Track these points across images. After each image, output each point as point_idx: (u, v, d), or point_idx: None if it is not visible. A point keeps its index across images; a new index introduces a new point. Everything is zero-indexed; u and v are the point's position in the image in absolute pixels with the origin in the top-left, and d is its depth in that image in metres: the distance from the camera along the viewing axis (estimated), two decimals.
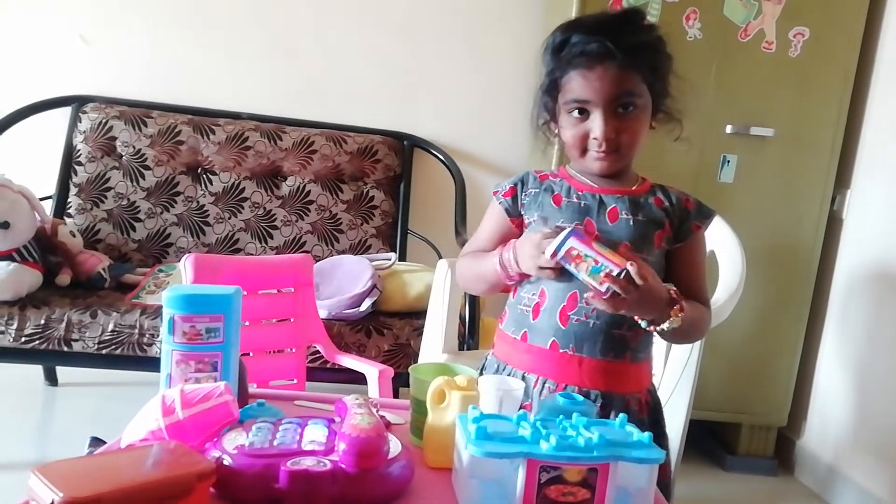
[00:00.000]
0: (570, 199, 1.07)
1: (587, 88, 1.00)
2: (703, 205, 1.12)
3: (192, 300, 0.83)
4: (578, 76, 1.01)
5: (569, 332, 1.02)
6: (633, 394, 1.04)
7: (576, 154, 1.06)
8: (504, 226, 1.12)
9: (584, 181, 1.08)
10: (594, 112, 1.01)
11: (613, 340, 1.02)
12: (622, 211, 1.05)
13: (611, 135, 1.01)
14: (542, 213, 1.08)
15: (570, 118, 1.04)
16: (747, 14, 2.04)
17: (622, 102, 1.01)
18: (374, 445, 0.69)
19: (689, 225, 1.08)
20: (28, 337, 1.74)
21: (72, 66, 2.37)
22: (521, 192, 1.10)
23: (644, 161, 2.23)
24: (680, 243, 1.08)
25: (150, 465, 0.66)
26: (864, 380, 2.03)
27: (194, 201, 2.25)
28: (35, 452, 1.94)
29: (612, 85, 0.99)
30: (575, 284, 1.01)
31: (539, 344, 1.04)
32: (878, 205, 2.04)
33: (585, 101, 1.01)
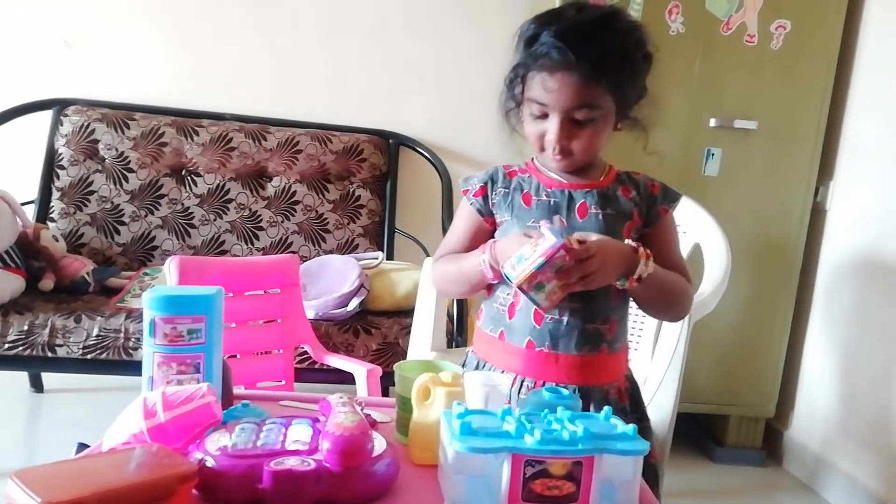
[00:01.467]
0: (540, 198, 1.07)
1: (547, 93, 0.99)
2: (669, 188, 1.13)
3: (172, 301, 0.82)
4: (541, 78, 1.00)
5: (543, 330, 1.02)
6: (611, 384, 1.04)
7: (535, 149, 1.07)
8: (477, 225, 1.11)
9: (553, 176, 1.08)
10: (552, 116, 1.01)
11: (588, 335, 1.02)
12: (591, 206, 1.05)
13: (564, 142, 1.01)
14: (513, 213, 1.07)
15: (530, 115, 1.04)
16: (729, 7, 2.05)
17: (580, 114, 1.00)
18: (358, 444, 0.69)
19: (656, 209, 1.09)
20: (11, 343, 1.73)
21: (53, 68, 2.35)
22: (492, 190, 1.10)
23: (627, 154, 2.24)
24: (649, 228, 1.09)
25: (131, 469, 0.66)
26: (850, 369, 2.04)
27: (179, 203, 2.23)
28: (21, 460, 1.92)
29: (571, 95, 0.98)
30: None
31: (516, 343, 1.04)
32: (862, 195, 2.05)
33: (544, 104, 1.00)
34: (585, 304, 1.02)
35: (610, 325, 1.04)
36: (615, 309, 1.06)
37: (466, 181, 1.13)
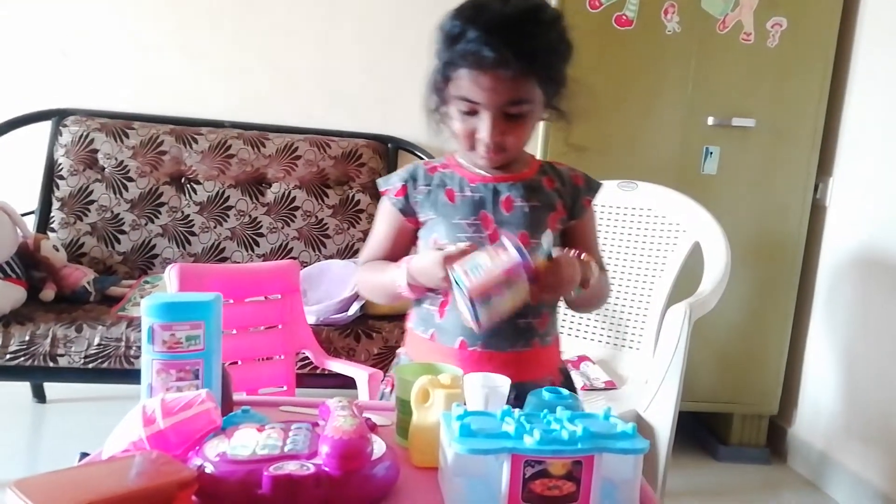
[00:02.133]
0: (464, 194, 1.05)
1: (477, 92, 0.97)
2: (591, 178, 1.12)
3: (170, 308, 0.82)
4: (470, 76, 0.96)
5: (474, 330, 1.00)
6: (545, 378, 1.04)
7: (463, 147, 1.04)
8: (399, 225, 1.10)
9: (476, 171, 1.07)
10: (483, 113, 0.98)
11: (520, 330, 1.02)
12: (517, 198, 1.05)
13: (498, 138, 1.00)
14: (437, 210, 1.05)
15: (459, 112, 1.01)
16: (725, 6, 2.05)
17: (512, 109, 0.98)
18: (357, 447, 0.68)
19: (580, 201, 1.09)
20: (13, 354, 1.73)
21: (51, 79, 2.35)
22: (413, 189, 1.08)
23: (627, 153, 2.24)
24: (574, 220, 1.09)
25: (130, 476, 0.65)
26: (853, 365, 2.04)
27: (179, 211, 2.24)
28: (25, 470, 1.92)
29: (504, 91, 0.96)
30: None
31: (447, 343, 1.03)
32: (861, 192, 2.05)
33: (474, 101, 0.98)
34: None
35: (542, 318, 1.04)
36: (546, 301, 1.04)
37: (386, 181, 1.11)
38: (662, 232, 1.78)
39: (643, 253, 1.80)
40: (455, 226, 1.05)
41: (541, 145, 2.03)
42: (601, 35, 2.01)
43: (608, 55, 2.03)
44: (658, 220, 1.79)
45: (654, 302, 1.75)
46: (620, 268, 1.83)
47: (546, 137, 2.03)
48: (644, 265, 1.79)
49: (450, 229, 1.05)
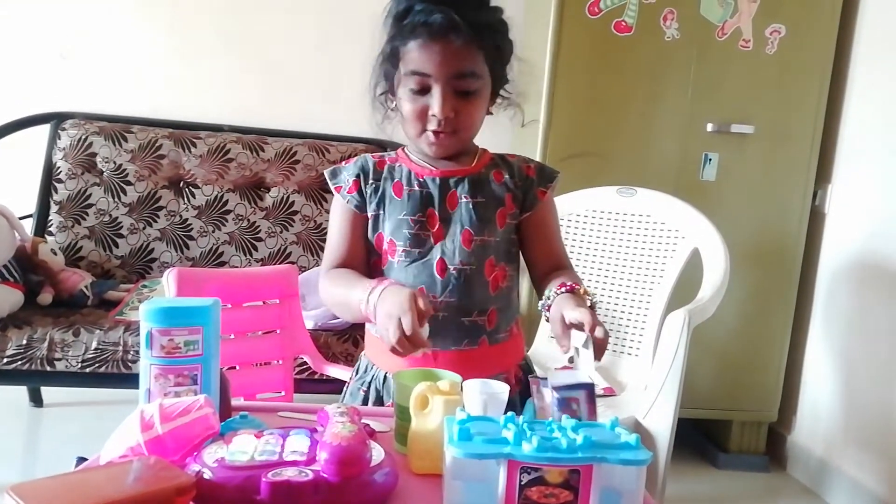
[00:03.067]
0: (412, 188, 1.04)
1: (429, 62, 0.96)
2: (546, 167, 1.09)
3: (169, 313, 0.82)
4: (420, 48, 0.97)
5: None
6: (499, 374, 1.00)
7: (413, 131, 1.02)
8: (356, 222, 1.07)
9: (424, 164, 1.06)
10: (434, 87, 0.98)
11: (465, 329, 1.02)
12: (461, 195, 1.04)
13: (450, 113, 0.98)
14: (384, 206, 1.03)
15: (409, 92, 1.00)
16: (724, 13, 2.06)
17: (463, 84, 0.97)
18: (356, 453, 0.68)
19: (533, 192, 1.06)
20: (10, 358, 1.72)
21: (50, 82, 2.36)
22: (365, 184, 1.06)
23: (626, 159, 2.24)
24: (528, 213, 1.07)
25: (128, 481, 0.65)
26: (852, 372, 2.04)
27: (177, 215, 2.24)
28: (21, 474, 1.91)
29: (454, 60, 0.96)
30: (421, 280, 1.01)
31: None
32: (860, 198, 2.05)
33: (426, 74, 0.97)
34: (461, 298, 1.01)
35: (489, 316, 1.03)
36: (495, 299, 1.04)
37: (335, 175, 1.08)
38: (661, 238, 1.78)
39: (642, 259, 1.80)
40: (401, 221, 1.04)
41: (539, 151, 2.03)
42: (600, 41, 2.02)
43: (607, 61, 2.04)
44: (657, 227, 1.79)
45: (653, 308, 1.74)
46: (619, 274, 1.83)
47: (545, 143, 2.03)
48: (643, 271, 1.79)
49: (397, 225, 1.04)
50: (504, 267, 1.06)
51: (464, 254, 1.03)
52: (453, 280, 1.03)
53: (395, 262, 1.05)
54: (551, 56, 1.99)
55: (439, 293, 1.02)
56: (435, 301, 1.01)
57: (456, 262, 1.03)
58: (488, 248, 1.04)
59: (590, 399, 0.79)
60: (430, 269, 1.04)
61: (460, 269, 1.03)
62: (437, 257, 1.03)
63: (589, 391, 0.79)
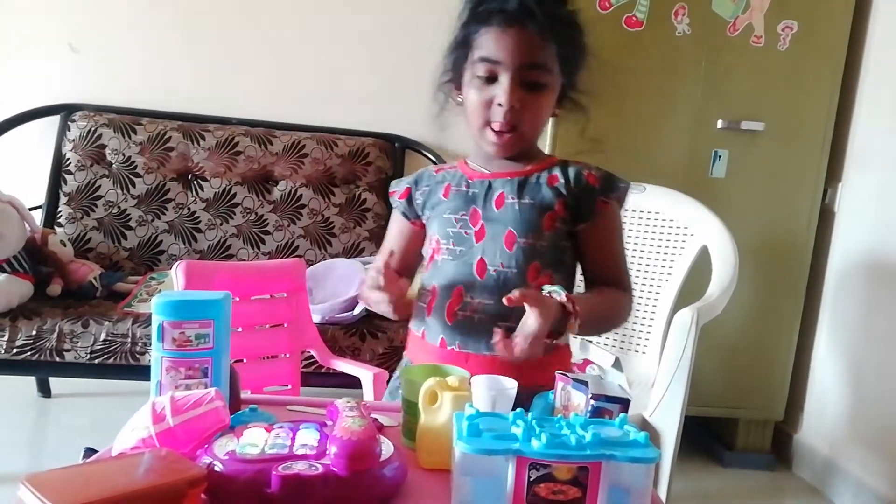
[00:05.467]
0: (460, 188, 1.04)
1: (500, 49, 0.95)
2: (613, 178, 1.02)
3: (180, 306, 0.82)
4: (493, 34, 0.95)
5: (455, 328, 1.00)
6: (538, 386, 0.92)
7: (476, 123, 1.00)
8: (405, 230, 1.10)
9: (478, 169, 1.05)
10: (502, 76, 0.96)
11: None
12: (508, 195, 1.02)
13: (515, 103, 0.95)
14: (433, 208, 1.04)
15: (477, 80, 0.98)
16: (735, 8, 2.04)
17: (532, 75, 0.95)
18: (366, 448, 0.68)
19: (592, 202, 1.01)
20: (20, 348, 1.73)
21: (60, 74, 2.36)
22: (416, 190, 1.07)
23: (635, 155, 2.23)
24: (584, 223, 1.02)
25: (140, 473, 0.65)
26: (859, 372, 2.03)
27: (185, 208, 2.24)
28: (29, 464, 1.93)
29: (526, 50, 0.94)
30: (459, 278, 1.01)
31: (432, 342, 1.03)
32: (870, 198, 2.04)
33: (496, 61, 0.95)
34: (496, 301, 0.96)
35: None
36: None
37: (397, 183, 1.11)
38: (670, 235, 1.77)
39: (651, 256, 1.80)
40: (445, 220, 1.04)
41: (548, 146, 2.02)
42: (611, 36, 2.00)
43: (618, 56, 2.02)
44: (666, 224, 1.79)
45: (661, 306, 1.74)
46: None
47: (554, 138, 2.03)
48: (651, 268, 1.79)
49: (441, 224, 1.05)
50: (551, 274, 1.01)
51: (505, 255, 1.00)
52: (492, 281, 1.00)
53: (439, 261, 1.05)
54: None
55: (476, 294, 1.00)
56: (472, 302, 1.00)
57: (496, 262, 1.00)
58: (533, 252, 1.00)
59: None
60: (470, 268, 1.01)
61: (500, 271, 1.00)
62: (478, 257, 1.01)
63: (624, 406, 0.79)
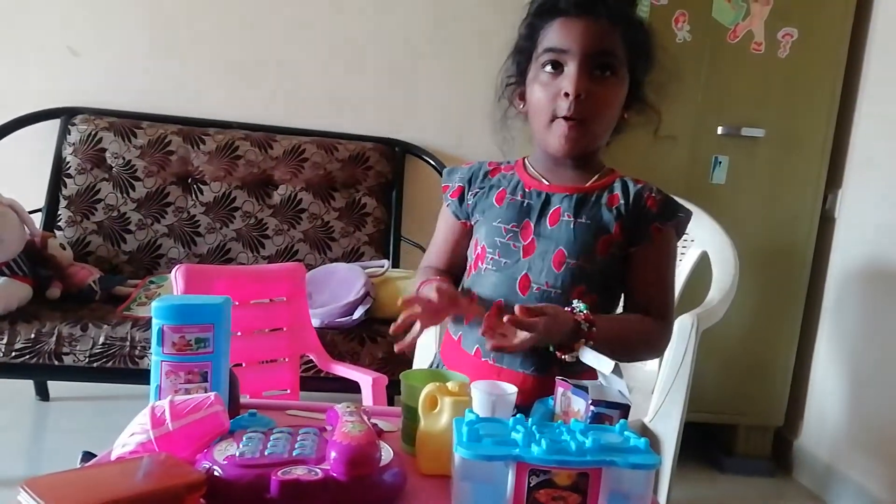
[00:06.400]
0: (514, 197, 1.00)
1: (567, 37, 0.93)
2: (674, 203, 0.99)
3: (181, 310, 0.82)
4: (560, 24, 0.94)
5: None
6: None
7: (541, 120, 0.97)
8: (456, 229, 1.07)
9: (537, 176, 1.02)
10: (570, 65, 0.93)
11: (537, 355, 0.96)
12: (564, 212, 0.98)
13: (582, 91, 0.92)
14: (483, 213, 1.01)
15: (543, 73, 0.95)
16: (736, 15, 2.05)
17: (601, 62, 0.93)
18: (365, 453, 0.68)
19: (647, 226, 0.97)
20: (18, 351, 1.73)
21: (60, 77, 2.36)
22: (468, 191, 1.04)
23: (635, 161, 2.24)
24: (636, 246, 0.98)
25: (139, 477, 0.65)
26: (860, 378, 2.03)
27: (185, 212, 2.24)
28: (27, 468, 1.92)
29: (595, 37, 0.92)
30: (501, 292, 0.98)
31: (467, 349, 1.02)
32: (870, 204, 2.04)
33: (563, 50, 0.93)
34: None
35: (564, 347, 0.94)
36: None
37: (450, 174, 1.07)
38: None
39: None
40: (494, 228, 1.01)
41: None
42: None
43: None
44: None
45: None
46: None
47: None
48: None
49: (489, 231, 1.01)
50: (596, 299, 0.97)
51: (552, 275, 0.97)
52: (534, 300, 0.96)
53: (483, 270, 1.02)
54: None
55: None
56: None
57: (541, 281, 0.97)
58: (582, 274, 0.97)
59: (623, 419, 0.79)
60: (513, 283, 0.99)
61: (544, 291, 0.97)
62: (523, 272, 0.98)
63: (624, 412, 0.79)
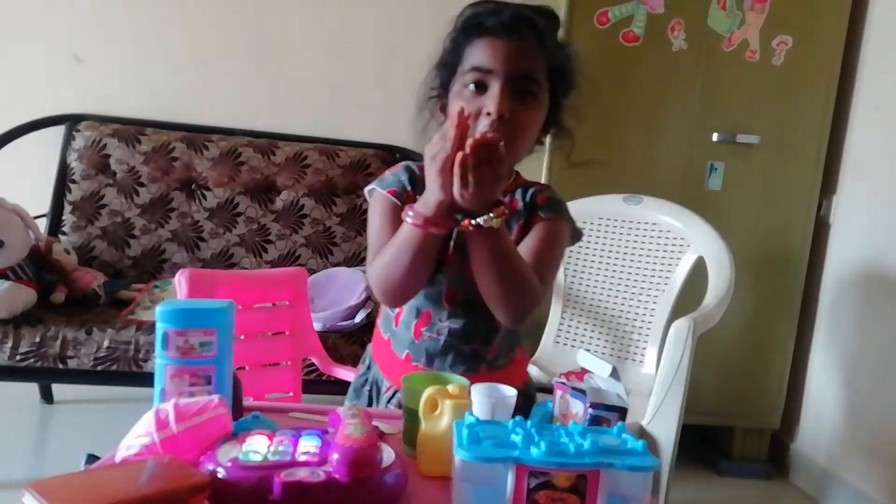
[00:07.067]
0: None
1: (493, 57, 0.93)
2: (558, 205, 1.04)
3: (184, 314, 0.84)
4: (486, 43, 0.94)
5: (420, 346, 1.02)
6: None
7: None
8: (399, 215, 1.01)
9: None
10: (493, 85, 0.93)
11: (464, 355, 1.01)
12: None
13: (505, 111, 0.92)
14: None
15: (466, 91, 0.96)
16: (731, 24, 2.07)
17: (523, 86, 0.94)
18: (368, 455, 0.69)
19: (533, 217, 1.03)
20: (23, 355, 1.74)
21: (65, 84, 2.38)
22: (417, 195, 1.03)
23: (632, 168, 2.25)
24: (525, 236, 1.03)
25: (144, 480, 0.66)
26: (856, 382, 2.04)
27: (189, 217, 2.26)
28: (31, 471, 1.94)
29: (519, 60, 0.93)
30: (427, 304, 1.01)
31: (397, 353, 1.04)
32: (865, 209, 2.06)
33: (488, 70, 0.93)
34: (464, 326, 1.01)
35: (491, 345, 1.02)
36: (500, 329, 1.03)
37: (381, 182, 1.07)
38: (667, 246, 1.79)
39: (647, 267, 1.81)
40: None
41: (546, 159, 2.04)
42: (608, 51, 2.03)
43: (615, 71, 2.05)
44: (662, 235, 1.81)
45: (658, 316, 1.76)
46: (625, 281, 1.85)
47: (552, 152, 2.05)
48: (648, 279, 1.81)
49: None
50: None
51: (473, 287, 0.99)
52: (460, 309, 1.02)
53: None
54: None
55: (445, 318, 1.02)
56: (439, 324, 1.02)
57: (465, 290, 1.01)
58: None
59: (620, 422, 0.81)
60: (439, 294, 1.03)
61: (468, 299, 1.01)
62: (446, 283, 1.02)
63: (622, 415, 0.81)
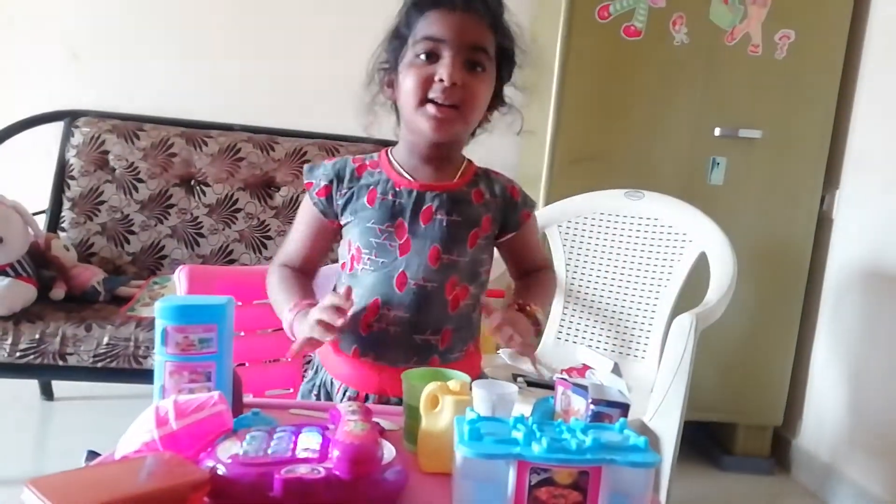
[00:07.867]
0: (386, 197, 1.02)
1: (444, 27, 0.96)
2: (526, 194, 1.13)
3: (184, 311, 0.83)
4: (438, 15, 0.97)
5: (369, 340, 1.01)
6: None
7: (413, 101, 0.98)
8: (320, 226, 1.07)
9: (404, 174, 1.03)
10: (445, 53, 0.96)
11: (416, 346, 1.01)
12: (437, 210, 1.01)
13: (458, 79, 0.95)
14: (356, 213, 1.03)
15: (417, 61, 0.98)
16: (733, 18, 2.06)
17: (473, 58, 0.97)
18: (368, 452, 0.69)
19: (518, 215, 1.10)
20: (23, 352, 1.74)
21: (64, 80, 2.38)
22: (336, 191, 1.04)
23: (634, 163, 2.25)
24: (512, 233, 1.11)
25: (144, 477, 0.66)
26: (859, 377, 2.04)
27: (188, 213, 2.26)
28: (31, 467, 1.94)
29: (470, 31, 0.96)
30: (378, 291, 1.01)
31: (345, 350, 1.03)
32: (867, 204, 2.05)
33: (440, 39, 0.96)
34: (415, 315, 1.00)
35: (442, 335, 1.02)
36: (452, 319, 1.03)
37: (311, 172, 1.07)
38: (669, 241, 1.79)
39: (649, 262, 1.81)
40: (369, 229, 1.02)
41: (547, 154, 2.04)
42: (610, 45, 2.02)
43: (616, 65, 2.04)
44: (664, 230, 1.80)
45: (660, 311, 1.75)
46: (627, 276, 1.84)
47: (553, 146, 2.04)
48: (650, 274, 1.80)
49: (363, 232, 1.03)
50: (466, 287, 1.05)
51: (428, 271, 1.02)
52: (411, 295, 1.02)
53: (360, 270, 1.05)
54: (560, 60, 2.00)
55: (394, 307, 1.01)
56: (388, 315, 1.01)
57: (418, 277, 1.02)
58: (454, 267, 1.03)
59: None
60: (391, 280, 1.02)
61: (421, 286, 1.01)
62: (400, 270, 1.02)
63: (624, 411, 0.81)
